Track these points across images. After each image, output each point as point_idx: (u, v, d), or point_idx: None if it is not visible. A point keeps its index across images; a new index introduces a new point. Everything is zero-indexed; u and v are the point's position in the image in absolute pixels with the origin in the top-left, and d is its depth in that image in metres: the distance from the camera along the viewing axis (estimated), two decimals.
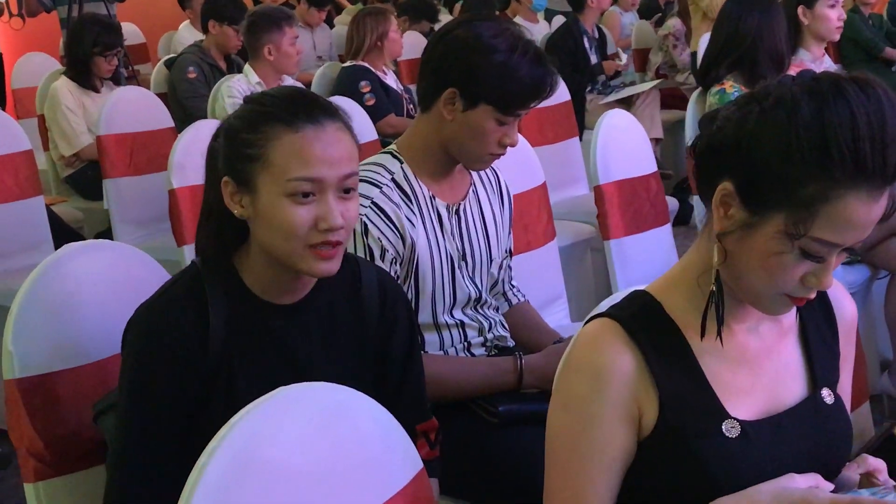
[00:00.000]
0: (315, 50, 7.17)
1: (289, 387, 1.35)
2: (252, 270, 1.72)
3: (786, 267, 1.33)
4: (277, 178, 1.62)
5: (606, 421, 1.39)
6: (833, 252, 1.32)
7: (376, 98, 5.01)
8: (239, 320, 1.70)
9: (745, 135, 1.32)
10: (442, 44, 2.19)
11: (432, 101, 2.19)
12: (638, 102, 6.11)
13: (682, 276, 1.46)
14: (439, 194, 2.26)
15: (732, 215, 1.35)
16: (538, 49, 2.17)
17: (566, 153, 4.64)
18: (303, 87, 1.82)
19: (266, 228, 1.66)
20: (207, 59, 5.53)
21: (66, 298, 1.85)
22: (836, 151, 1.26)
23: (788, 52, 3.67)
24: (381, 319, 1.84)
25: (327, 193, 1.64)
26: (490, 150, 2.19)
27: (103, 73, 4.99)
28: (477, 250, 2.31)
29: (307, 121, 1.64)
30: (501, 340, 2.38)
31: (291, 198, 1.62)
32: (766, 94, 1.33)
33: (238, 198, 1.67)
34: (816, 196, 1.28)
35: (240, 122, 1.68)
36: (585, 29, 6.32)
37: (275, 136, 1.63)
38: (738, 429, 1.40)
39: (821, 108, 1.27)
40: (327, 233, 1.63)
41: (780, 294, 1.37)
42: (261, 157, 1.63)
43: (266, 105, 1.67)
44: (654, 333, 1.41)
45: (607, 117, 3.34)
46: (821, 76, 1.32)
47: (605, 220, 3.22)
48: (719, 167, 1.36)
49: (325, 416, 1.38)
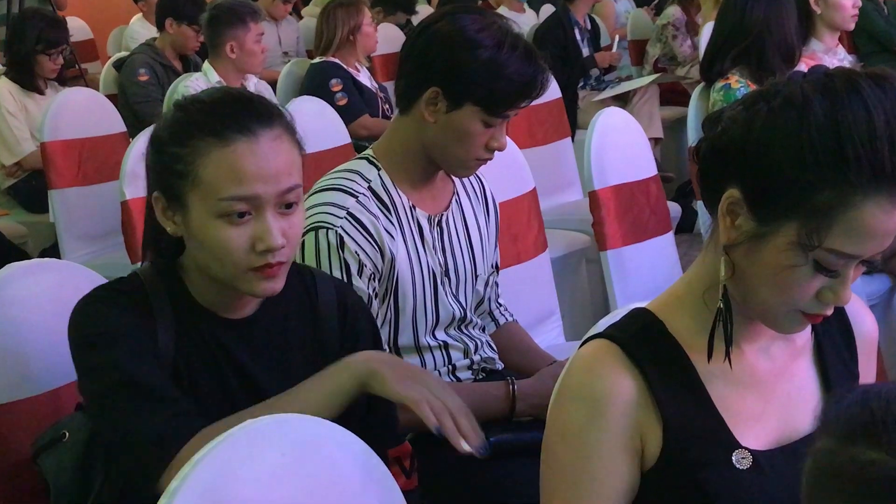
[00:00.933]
0: (281, 45, 7.17)
1: (257, 419, 1.35)
2: (194, 281, 1.73)
3: (799, 281, 1.33)
4: (208, 197, 1.61)
5: (606, 452, 1.39)
6: (851, 264, 1.33)
7: (349, 97, 5.02)
8: (188, 331, 1.70)
9: (753, 137, 1.32)
10: (423, 39, 2.19)
11: (412, 101, 2.20)
12: (635, 99, 6.13)
13: (686, 292, 1.47)
14: (420, 204, 2.26)
15: (740, 225, 1.36)
16: (528, 44, 2.18)
17: (557, 155, 4.66)
18: (237, 89, 1.79)
19: (200, 249, 1.66)
20: (161, 59, 5.51)
21: (8, 325, 1.85)
22: (852, 153, 1.26)
23: (799, 43, 3.69)
24: (342, 336, 1.84)
25: (265, 211, 1.62)
26: (476, 154, 2.20)
27: (47, 73, 4.99)
28: (461, 265, 2.32)
29: (238, 131, 1.61)
30: (489, 363, 2.38)
31: (225, 218, 1.61)
32: (775, 92, 1.33)
33: (170, 214, 1.67)
34: (831, 203, 1.28)
35: (166, 133, 1.66)
36: (576, 19, 6.35)
37: (204, 152, 1.61)
38: (749, 459, 1.41)
39: (834, 107, 1.27)
40: (266, 254, 1.62)
41: (793, 311, 1.37)
42: (189, 173, 1.61)
43: (193, 114, 1.65)
44: (656, 356, 1.41)
45: (602, 116, 3.35)
46: (834, 72, 1.33)
47: (602, 229, 3.23)
48: (725, 173, 1.37)
49: (298, 450, 1.38)
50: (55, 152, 4.25)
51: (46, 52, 4.93)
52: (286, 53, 7.12)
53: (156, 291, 1.70)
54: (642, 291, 2.96)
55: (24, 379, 1.86)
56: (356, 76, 5.15)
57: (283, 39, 7.24)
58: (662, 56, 7.09)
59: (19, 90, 4.95)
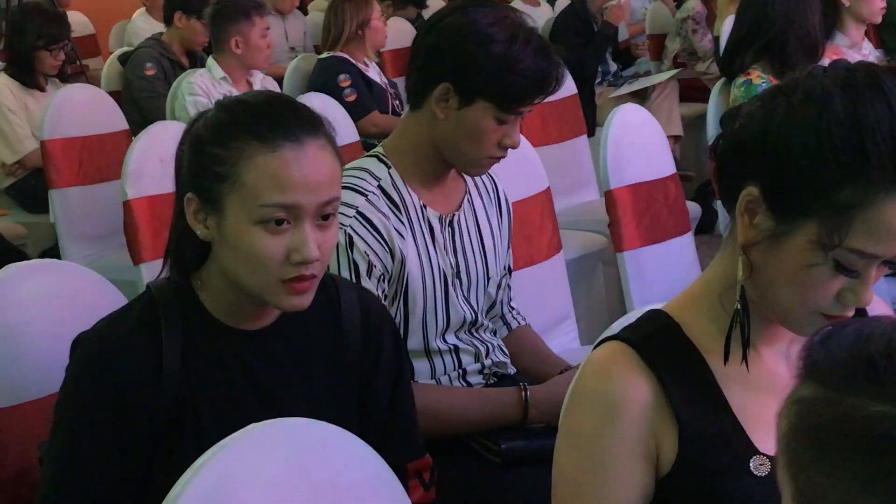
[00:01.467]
0: (287, 40, 7.19)
1: (262, 423, 1.36)
2: (212, 292, 1.72)
3: (819, 281, 1.34)
4: (248, 202, 1.61)
5: (619, 458, 1.39)
6: (872, 264, 1.33)
7: (358, 93, 5.03)
8: (199, 350, 1.70)
9: (772, 133, 1.33)
10: (433, 33, 2.20)
11: (423, 97, 2.21)
12: (654, 95, 6.13)
13: (703, 293, 1.47)
14: (431, 203, 2.27)
15: (758, 224, 1.36)
16: (542, 38, 2.19)
17: (573, 154, 4.66)
18: (282, 95, 1.78)
19: (232, 256, 1.65)
20: (168, 54, 5.53)
21: (7, 327, 1.86)
22: (874, 150, 1.26)
23: (822, 37, 3.69)
24: (364, 347, 1.84)
25: (304, 221, 1.62)
26: (488, 152, 2.20)
27: (48, 70, 5.00)
28: (472, 267, 2.32)
29: (285, 138, 1.61)
30: (501, 367, 2.39)
31: (262, 225, 1.61)
32: (795, 87, 1.34)
33: (202, 217, 1.66)
34: (852, 201, 1.28)
35: (209, 133, 1.66)
36: (592, 13, 6.35)
37: (248, 155, 1.61)
38: (767, 466, 1.41)
39: (855, 103, 1.28)
40: (301, 266, 1.63)
41: (813, 312, 1.37)
42: (230, 176, 1.61)
43: (239, 116, 1.65)
44: (672, 359, 1.41)
45: (619, 113, 3.35)
46: (855, 66, 1.33)
47: (619, 230, 3.23)
48: (743, 170, 1.37)
49: (304, 456, 1.40)
50: (55, 151, 4.27)
51: (47, 48, 4.94)
52: (293, 48, 7.13)
53: (167, 309, 1.69)
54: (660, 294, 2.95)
55: (26, 382, 1.87)
56: (365, 71, 5.16)
57: (290, 34, 7.25)
58: (682, 51, 7.09)
59: (19, 87, 4.97)
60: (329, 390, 1.80)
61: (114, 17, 8.28)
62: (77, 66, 6.23)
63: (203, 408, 1.69)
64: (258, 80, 4.85)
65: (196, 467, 1.31)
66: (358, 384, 1.84)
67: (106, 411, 1.63)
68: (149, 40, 5.71)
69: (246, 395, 1.72)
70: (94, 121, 4.41)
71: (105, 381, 1.63)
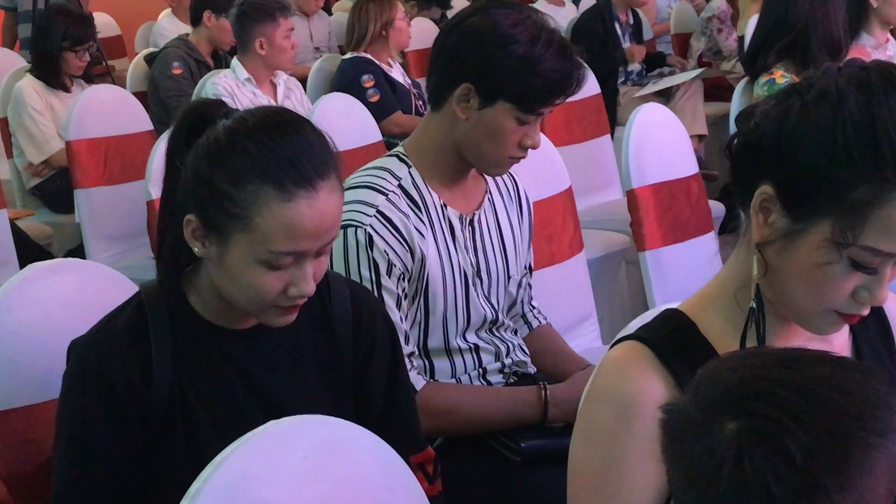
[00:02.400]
0: (312, 41, 7.21)
1: (281, 420, 1.38)
2: (201, 294, 1.73)
3: (834, 280, 1.34)
4: (257, 245, 1.61)
5: (634, 457, 1.39)
6: (888, 263, 1.33)
7: (381, 93, 5.04)
8: (189, 350, 1.71)
9: (786, 132, 1.33)
10: (455, 34, 2.21)
11: (444, 97, 2.21)
12: (678, 94, 6.12)
13: (719, 292, 1.48)
14: (451, 203, 2.28)
15: (773, 222, 1.36)
16: (563, 39, 2.19)
17: (596, 153, 4.67)
18: (293, 122, 1.68)
19: (227, 282, 1.66)
20: (194, 54, 5.54)
21: (30, 326, 1.87)
22: (888, 149, 1.27)
23: (846, 37, 3.67)
24: (357, 341, 1.84)
25: (305, 260, 1.64)
26: (509, 152, 2.21)
27: (73, 71, 5.04)
28: (493, 266, 2.33)
29: (300, 185, 1.59)
30: (521, 366, 2.40)
31: (265, 264, 1.62)
32: (809, 86, 1.34)
33: (202, 238, 1.66)
34: (866, 200, 1.29)
35: (219, 169, 1.61)
36: (617, 13, 6.34)
37: (262, 202, 1.59)
38: None
39: (870, 102, 1.28)
40: (296, 298, 1.65)
41: (828, 310, 1.38)
42: (242, 218, 1.60)
43: (254, 156, 1.60)
44: (688, 358, 1.41)
45: (641, 112, 3.35)
46: (870, 66, 1.33)
47: (640, 229, 3.23)
48: (758, 169, 1.37)
49: (322, 452, 1.41)
50: (80, 151, 4.30)
51: (72, 49, 4.97)
52: (317, 49, 7.16)
53: (156, 314, 1.70)
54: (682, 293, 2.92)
55: (46, 381, 1.88)
56: (388, 72, 5.17)
57: (315, 35, 7.28)
58: (707, 50, 7.08)
59: (45, 88, 5.00)
60: (323, 386, 1.80)
61: (140, 18, 8.31)
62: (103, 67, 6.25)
63: (196, 407, 1.70)
64: (282, 80, 4.86)
65: (216, 463, 1.32)
66: (352, 380, 1.84)
67: (102, 414, 1.66)
68: (175, 40, 5.74)
69: (238, 393, 1.73)
70: (118, 121, 4.43)
71: (98, 385, 1.66)
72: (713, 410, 1.01)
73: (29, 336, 1.87)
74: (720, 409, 1.00)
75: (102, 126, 4.36)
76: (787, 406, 0.98)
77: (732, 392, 1.01)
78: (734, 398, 1.00)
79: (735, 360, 1.06)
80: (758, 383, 1.00)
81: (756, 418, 0.98)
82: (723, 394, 1.01)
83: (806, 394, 0.98)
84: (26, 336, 1.87)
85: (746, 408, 0.99)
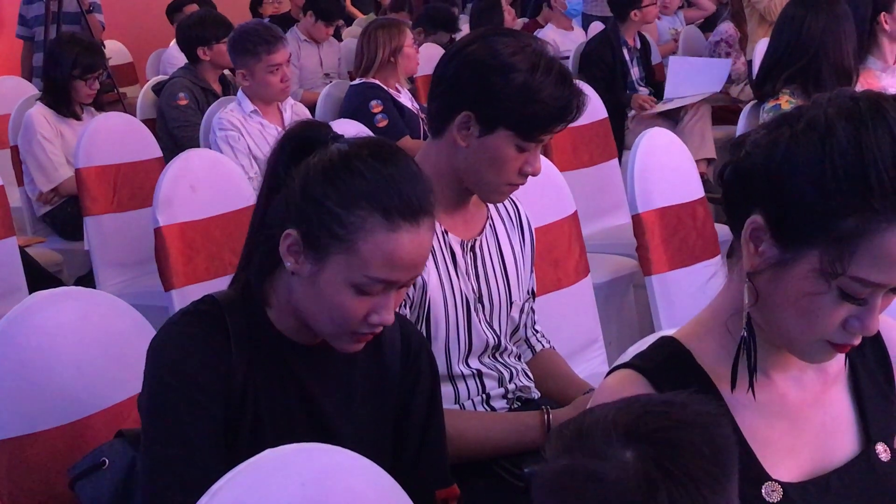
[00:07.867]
0: (322, 67, 7.24)
1: (274, 449, 1.38)
2: (276, 307, 1.77)
3: (823, 310, 1.34)
4: (355, 269, 1.65)
5: None
6: (878, 293, 1.33)
7: (389, 119, 5.05)
8: (263, 358, 1.75)
9: (775, 162, 1.34)
10: (455, 62, 2.22)
11: (444, 125, 2.23)
12: (686, 118, 6.12)
13: (711, 320, 1.48)
14: (452, 229, 2.29)
15: (763, 252, 1.37)
16: (563, 67, 2.20)
17: (604, 177, 4.67)
18: (407, 158, 1.76)
19: (313, 301, 1.70)
20: (200, 82, 5.54)
21: (35, 354, 1.89)
22: (876, 180, 1.27)
23: (856, 64, 3.66)
24: (404, 372, 1.88)
25: (392, 290, 1.69)
26: (509, 179, 2.22)
27: (83, 99, 5.07)
28: (495, 292, 2.34)
29: (405, 218, 1.65)
30: (525, 392, 2.40)
31: (356, 288, 1.66)
32: (799, 116, 1.35)
33: (297, 254, 1.69)
34: (855, 230, 1.29)
35: (331, 188, 1.66)
36: (625, 39, 6.36)
37: (369, 228, 1.64)
38: (780, 492, 1.41)
39: (858, 132, 1.29)
40: (376, 326, 1.70)
41: (818, 340, 1.38)
42: (346, 240, 1.65)
43: (368, 181, 1.65)
44: (682, 386, 1.40)
45: (646, 136, 3.36)
46: (859, 96, 1.34)
47: (647, 254, 3.24)
48: (749, 198, 1.38)
49: (320, 480, 1.41)
50: (89, 178, 4.31)
51: (82, 78, 5.00)
52: (327, 75, 7.19)
53: (235, 318, 1.74)
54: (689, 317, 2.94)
55: (52, 409, 1.90)
56: (397, 97, 5.19)
57: (325, 61, 7.30)
58: None
59: (55, 116, 5.03)
60: (368, 410, 1.84)
61: (151, 45, 8.35)
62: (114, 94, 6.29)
63: (262, 416, 1.74)
64: (288, 106, 4.84)
65: (213, 492, 1.33)
66: (395, 408, 1.88)
67: (189, 405, 1.69)
68: (181, 70, 5.72)
69: (295, 408, 1.77)
70: (127, 149, 4.44)
71: (186, 381, 1.69)
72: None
73: (32, 364, 1.89)
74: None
75: (111, 153, 4.37)
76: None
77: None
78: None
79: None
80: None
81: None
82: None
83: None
84: (29, 364, 1.89)
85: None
